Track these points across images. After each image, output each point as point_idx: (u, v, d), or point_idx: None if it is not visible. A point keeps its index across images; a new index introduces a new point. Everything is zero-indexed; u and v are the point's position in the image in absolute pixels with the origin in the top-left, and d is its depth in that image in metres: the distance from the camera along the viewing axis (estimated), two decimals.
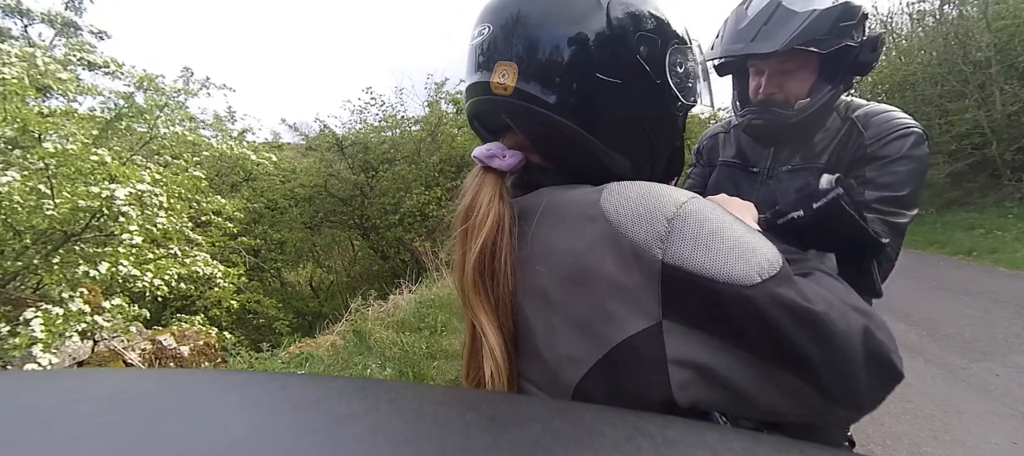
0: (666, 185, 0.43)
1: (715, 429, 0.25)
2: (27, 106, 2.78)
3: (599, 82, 0.47)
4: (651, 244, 0.38)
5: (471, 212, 0.49)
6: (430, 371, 3.11)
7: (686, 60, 0.53)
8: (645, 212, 0.40)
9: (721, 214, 0.40)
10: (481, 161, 0.51)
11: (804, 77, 0.93)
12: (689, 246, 0.37)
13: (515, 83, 0.47)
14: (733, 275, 0.36)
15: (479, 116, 0.55)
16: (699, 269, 0.37)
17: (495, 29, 0.49)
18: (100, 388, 0.30)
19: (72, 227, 2.74)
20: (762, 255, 0.37)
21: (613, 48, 0.47)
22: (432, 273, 5.54)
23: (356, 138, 7.46)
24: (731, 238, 0.38)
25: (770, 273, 0.37)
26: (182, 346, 3.35)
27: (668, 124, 0.53)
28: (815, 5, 0.87)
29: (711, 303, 0.37)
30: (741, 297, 0.36)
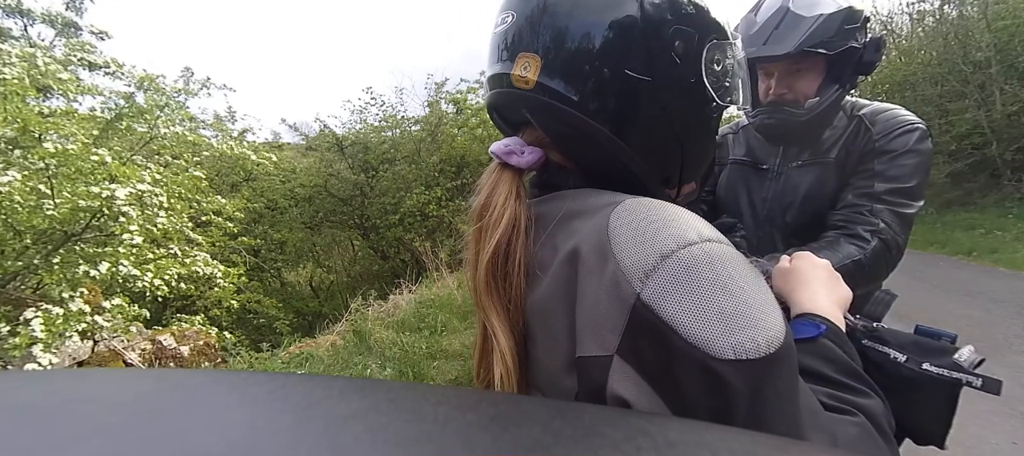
0: (692, 215, 0.38)
1: (715, 429, 0.25)
2: (27, 106, 2.78)
3: (628, 79, 0.43)
4: (632, 274, 0.34)
5: (486, 210, 0.47)
6: (430, 371, 3.11)
7: (724, 57, 0.48)
8: (641, 239, 0.35)
9: (731, 271, 0.34)
10: (498, 157, 0.48)
11: (812, 78, 0.97)
12: (671, 291, 0.33)
13: (537, 77, 0.44)
14: (704, 340, 0.31)
15: (499, 109, 0.52)
16: (670, 319, 0.32)
17: (519, 17, 0.46)
18: (100, 388, 0.30)
19: (72, 227, 2.74)
20: (751, 331, 0.31)
21: (646, 43, 0.43)
22: (432, 273, 5.54)
23: (356, 138, 7.46)
24: (725, 301, 0.32)
25: (750, 355, 0.31)
26: (182, 346, 3.35)
27: (700, 126, 0.49)
28: (821, 9, 0.92)
29: (668, 360, 0.32)
30: (700, 364, 0.31)
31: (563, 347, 0.41)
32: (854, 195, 0.96)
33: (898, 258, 0.95)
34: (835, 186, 1.00)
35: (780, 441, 0.24)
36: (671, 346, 0.32)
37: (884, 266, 0.93)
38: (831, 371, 0.44)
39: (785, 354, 0.32)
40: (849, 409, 0.40)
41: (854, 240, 0.92)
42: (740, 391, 0.31)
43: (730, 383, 0.31)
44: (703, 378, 0.31)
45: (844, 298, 0.55)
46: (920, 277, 4.65)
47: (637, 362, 0.34)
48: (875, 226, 0.92)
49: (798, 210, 1.04)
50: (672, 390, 0.33)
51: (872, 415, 0.40)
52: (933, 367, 0.48)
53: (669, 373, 0.32)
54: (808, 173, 1.03)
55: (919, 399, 0.50)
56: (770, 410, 0.32)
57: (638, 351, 0.34)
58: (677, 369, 0.32)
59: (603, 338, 0.35)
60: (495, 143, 0.49)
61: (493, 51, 0.49)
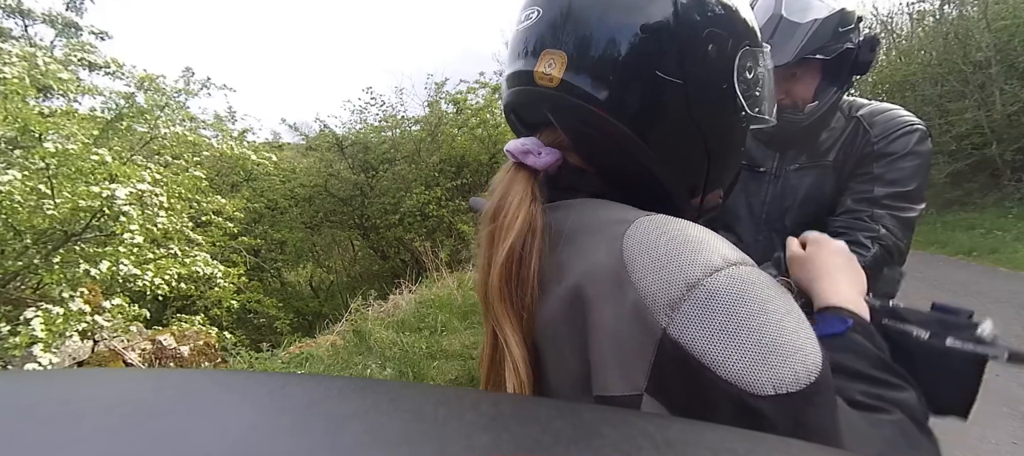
0: (712, 235, 0.36)
1: (715, 429, 0.25)
2: (28, 106, 2.78)
3: (658, 81, 0.41)
4: (657, 307, 0.32)
5: (499, 213, 0.44)
6: (430, 371, 3.11)
7: (756, 65, 0.46)
8: (665, 267, 0.33)
9: (762, 296, 0.32)
10: (514, 156, 0.46)
11: (809, 82, 0.97)
12: (701, 326, 0.31)
13: (562, 74, 0.42)
14: (742, 377, 0.30)
15: (517, 108, 0.50)
16: (701, 355, 0.30)
17: (545, 13, 0.44)
18: (100, 388, 0.30)
19: (72, 227, 2.74)
20: (790, 362, 0.30)
21: (678, 44, 0.41)
22: (432, 273, 5.54)
23: (356, 138, 7.46)
24: (759, 331, 0.31)
25: (790, 389, 0.30)
26: (182, 346, 3.35)
27: (729, 135, 0.47)
28: (815, 15, 0.92)
29: (704, 399, 0.31)
30: (739, 403, 0.30)
31: (572, 374, 0.39)
32: (853, 200, 0.96)
33: (900, 263, 0.95)
34: (834, 188, 1.00)
35: (780, 441, 0.24)
36: (705, 384, 0.30)
37: (880, 272, 0.93)
38: (864, 367, 0.42)
39: (824, 381, 0.31)
40: (886, 407, 0.39)
41: (855, 247, 0.91)
42: (781, 426, 0.29)
43: (770, 419, 0.29)
44: (742, 416, 0.30)
45: (862, 282, 0.53)
46: (920, 277, 4.65)
47: (668, 401, 0.32)
48: (875, 232, 0.92)
49: (797, 213, 1.04)
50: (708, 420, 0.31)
51: (909, 409, 0.39)
52: (958, 342, 0.47)
53: (705, 411, 0.31)
54: (806, 176, 1.03)
55: (944, 375, 0.49)
56: (813, 440, 0.30)
57: (668, 390, 0.32)
58: (713, 407, 0.30)
59: (628, 376, 0.33)
60: (511, 141, 0.47)
61: (516, 48, 0.47)
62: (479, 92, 7.30)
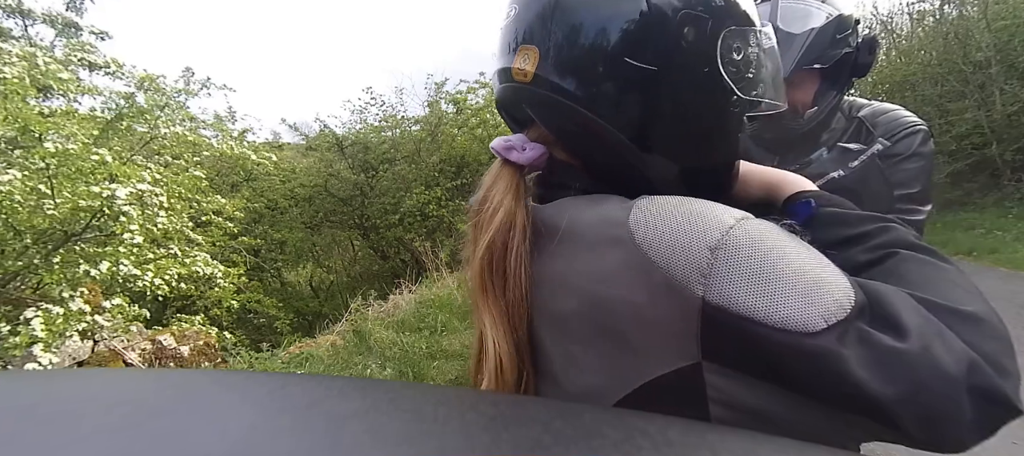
0: (710, 202, 0.36)
1: (715, 429, 0.25)
2: (28, 106, 2.78)
3: (629, 69, 0.40)
4: (689, 279, 0.32)
5: (482, 206, 0.45)
6: (430, 371, 3.11)
7: (746, 45, 0.43)
8: (683, 238, 0.33)
9: (778, 241, 0.33)
10: (498, 153, 0.46)
11: (808, 88, 0.96)
12: (737, 283, 0.31)
13: (535, 69, 0.42)
14: (791, 320, 0.30)
15: (504, 105, 0.50)
16: (748, 312, 0.31)
17: (520, 9, 0.44)
18: (100, 388, 0.30)
19: (72, 227, 2.74)
20: (829, 293, 0.31)
21: (650, 29, 0.40)
22: (432, 273, 5.54)
23: (356, 138, 7.46)
24: (790, 272, 0.31)
25: (839, 316, 0.30)
26: (182, 346, 3.35)
27: (719, 121, 0.45)
28: (812, 23, 0.91)
29: (763, 352, 0.31)
30: (800, 348, 0.30)
31: (586, 375, 0.39)
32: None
33: None
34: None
35: (781, 441, 0.24)
36: (758, 338, 0.31)
37: None
38: (848, 231, 0.43)
39: (864, 299, 0.32)
40: (888, 253, 0.39)
41: None
42: (849, 353, 0.29)
43: (832, 351, 0.29)
44: (804, 356, 0.30)
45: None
46: None
47: (731, 363, 0.33)
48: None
49: None
50: (781, 378, 0.31)
51: (903, 240, 0.40)
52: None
53: (768, 364, 0.31)
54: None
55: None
56: (880, 348, 0.30)
57: (725, 353, 0.33)
58: (772, 357, 0.31)
59: (678, 351, 0.34)
60: (496, 139, 0.47)
61: (498, 45, 0.47)
62: (479, 92, 7.29)
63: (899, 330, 0.30)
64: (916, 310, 0.32)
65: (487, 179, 0.47)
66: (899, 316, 0.31)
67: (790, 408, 0.32)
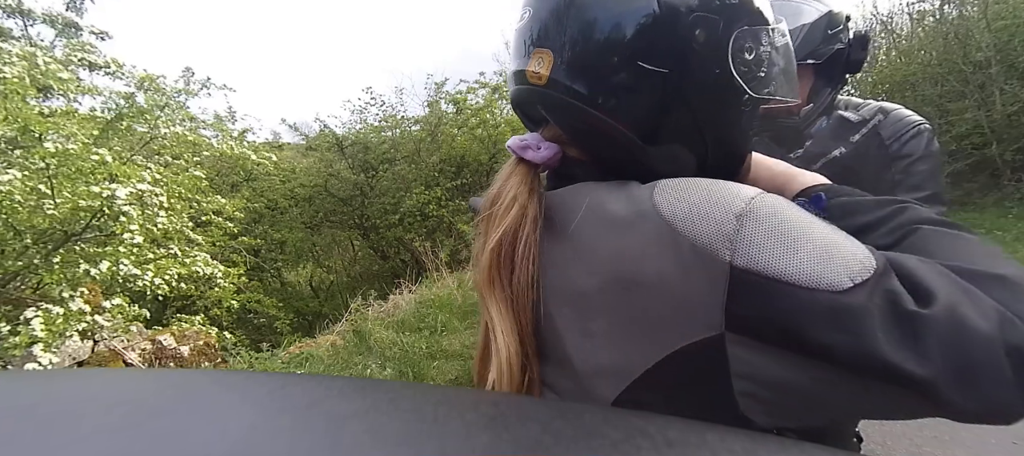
0: (727, 181, 0.37)
1: (715, 429, 0.25)
2: (28, 106, 2.78)
3: (641, 71, 0.41)
4: (717, 244, 0.33)
5: (495, 201, 0.46)
6: (430, 371, 3.11)
7: (758, 44, 0.44)
8: (708, 209, 0.34)
9: (798, 212, 0.35)
10: (514, 152, 0.48)
11: (803, 84, 0.97)
12: (763, 246, 0.32)
13: (549, 72, 0.43)
14: (819, 279, 0.30)
15: (521, 105, 0.51)
16: (776, 273, 0.31)
17: (535, 12, 0.45)
18: (100, 388, 0.30)
19: (72, 227, 2.74)
20: (852, 255, 0.32)
21: (661, 32, 0.41)
22: (432, 273, 5.53)
23: (356, 138, 7.46)
24: (813, 236, 0.32)
25: (864, 276, 0.30)
26: (182, 346, 3.35)
27: (730, 120, 0.45)
28: (803, 19, 0.92)
29: (790, 312, 0.31)
30: (828, 306, 0.30)
31: (604, 352, 0.39)
32: None
33: None
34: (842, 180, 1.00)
35: (780, 441, 0.24)
36: (786, 299, 0.31)
37: None
38: (865, 217, 0.42)
39: (886, 263, 0.32)
40: (908, 231, 0.39)
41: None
42: (878, 311, 0.29)
43: (859, 307, 0.29)
44: (831, 316, 0.30)
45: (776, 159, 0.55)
46: None
47: (754, 331, 0.32)
48: None
49: None
50: (807, 342, 0.31)
51: (924, 218, 0.40)
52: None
53: (793, 327, 0.31)
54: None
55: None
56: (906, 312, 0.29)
57: (751, 319, 0.32)
58: (801, 319, 0.30)
59: (702, 321, 0.33)
60: (512, 138, 0.48)
61: (514, 47, 0.48)
62: (479, 92, 7.29)
63: (925, 294, 0.30)
64: (942, 274, 0.31)
65: (501, 175, 0.48)
66: (924, 281, 0.31)
67: (815, 381, 0.31)
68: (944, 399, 0.28)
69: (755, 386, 0.33)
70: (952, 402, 0.28)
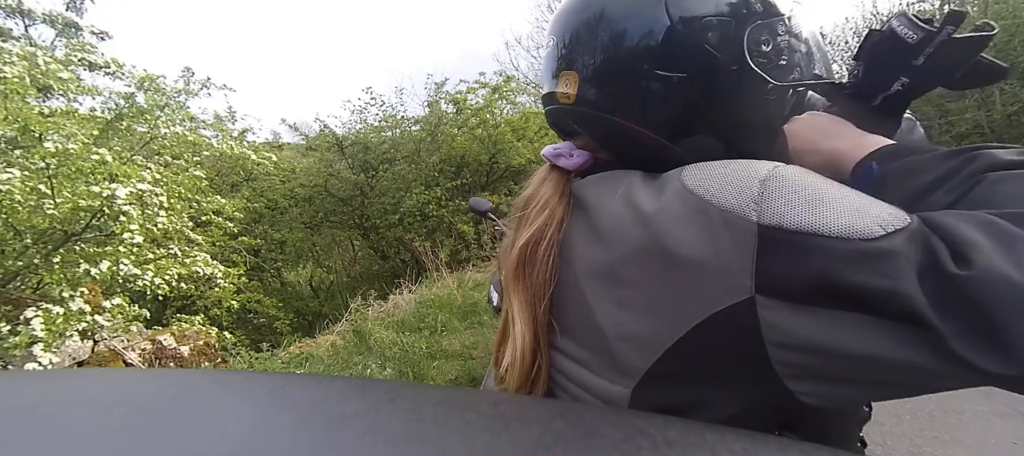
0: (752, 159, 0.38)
1: (715, 429, 0.25)
2: (28, 105, 2.78)
3: (660, 78, 0.45)
4: (744, 207, 0.33)
5: (528, 203, 0.50)
6: (430, 371, 3.11)
7: (775, 35, 0.46)
8: (734, 177, 0.35)
9: (823, 179, 0.35)
10: (549, 159, 0.52)
11: None
12: (789, 203, 0.32)
13: (576, 91, 0.48)
14: (850, 228, 0.30)
15: (554, 122, 0.57)
16: (804, 226, 0.31)
17: (558, 41, 0.50)
18: (100, 388, 0.30)
19: (73, 227, 2.74)
20: (883, 209, 0.31)
21: (674, 41, 0.44)
22: (432, 273, 5.54)
23: (356, 138, 7.46)
24: (839, 195, 0.32)
25: (897, 226, 0.30)
26: (182, 346, 3.35)
27: (755, 112, 0.48)
28: None
29: (820, 263, 0.30)
30: (860, 250, 0.29)
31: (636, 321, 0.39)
32: None
33: None
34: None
35: (780, 441, 0.24)
36: (816, 252, 0.30)
37: None
38: (928, 176, 0.38)
39: (919, 220, 0.30)
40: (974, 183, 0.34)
41: None
42: (915, 256, 0.28)
43: (902, 253, 0.28)
44: (864, 259, 0.29)
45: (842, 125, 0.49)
46: None
47: (786, 292, 0.31)
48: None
49: None
50: (837, 297, 0.29)
51: (997, 162, 0.35)
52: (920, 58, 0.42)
53: (826, 282, 0.30)
54: None
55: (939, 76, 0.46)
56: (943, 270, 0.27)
57: (778, 280, 0.31)
58: (831, 267, 0.29)
59: (733, 285, 0.33)
60: (547, 147, 0.53)
61: (543, 72, 0.54)
62: (479, 92, 7.29)
63: (965, 255, 0.27)
64: (987, 225, 0.28)
65: (535, 180, 0.53)
66: (964, 238, 0.28)
67: (853, 335, 0.29)
68: (979, 367, 0.26)
69: (793, 354, 0.32)
70: (986, 369, 0.26)
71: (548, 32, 0.53)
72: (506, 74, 7.82)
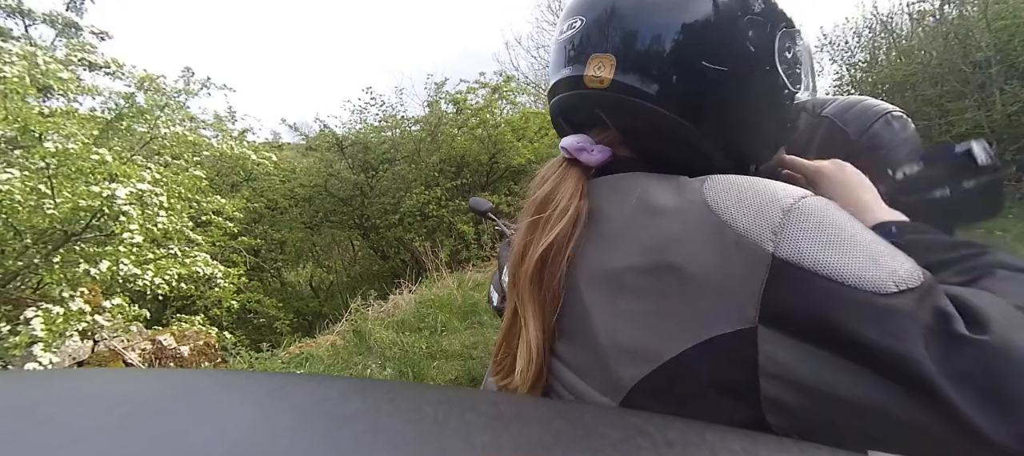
0: (780, 182, 0.37)
1: (715, 429, 0.25)
2: (28, 105, 2.78)
3: (705, 70, 0.44)
4: (761, 234, 0.33)
5: (548, 204, 0.47)
6: (430, 371, 3.11)
7: (793, 44, 0.48)
8: (756, 201, 0.35)
9: (848, 216, 0.34)
10: (569, 152, 0.48)
11: None
12: (808, 240, 0.32)
13: (612, 75, 0.45)
14: (863, 278, 0.30)
15: (567, 111, 0.52)
16: (819, 267, 0.30)
17: (588, 22, 0.47)
18: (100, 388, 0.30)
19: (72, 226, 2.74)
20: (900, 265, 0.31)
21: (719, 33, 0.44)
22: (432, 273, 5.54)
23: (356, 138, 7.46)
24: (861, 241, 0.32)
25: (911, 284, 0.30)
26: (182, 346, 3.35)
27: (775, 115, 0.49)
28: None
29: (829, 307, 0.30)
30: (870, 305, 0.29)
31: (632, 331, 0.38)
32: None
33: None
34: None
35: (780, 441, 0.24)
36: (827, 294, 0.30)
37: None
38: (939, 255, 0.41)
39: (933, 280, 0.31)
40: (983, 273, 0.37)
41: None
42: (923, 318, 0.28)
43: (909, 312, 0.28)
44: (873, 314, 0.29)
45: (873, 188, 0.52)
46: None
47: (790, 327, 0.31)
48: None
49: None
50: (844, 344, 0.29)
51: (1005, 263, 0.38)
52: (973, 180, 0.49)
53: (829, 325, 0.30)
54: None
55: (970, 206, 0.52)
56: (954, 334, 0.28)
57: (783, 314, 0.31)
58: (840, 315, 0.29)
59: (736, 312, 0.32)
60: (566, 138, 0.49)
61: (561, 57, 0.50)
62: (479, 92, 7.29)
63: (979, 321, 0.28)
64: (999, 304, 0.30)
65: (551, 177, 0.49)
66: (979, 308, 0.29)
67: (848, 386, 0.29)
68: (986, 434, 0.26)
69: (784, 389, 0.32)
70: (994, 437, 0.26)
71: (567, 14, 0.49)
72: (506, 74, 7.81)
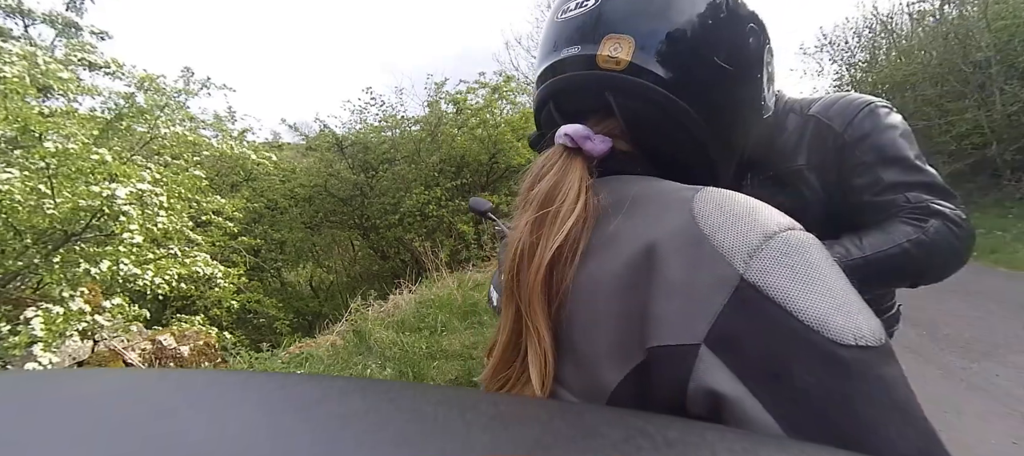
0: (775, 209, 0.36)
1: (715, 429, 0.25)
2: (28, 105, 2.78)
3: (715, 66, 0.45)
4: (735, 254, 0.32)
5: (554, 198, 0.43)
6: (430, 371, 3.11)
7: (772, 59, 0.51)
8: (741, 221, 0.34)
9: (829, 261, 0.33)
10: (573, 140, 0.45)
11: None
12: (780, 272, 0.31)
13: (631, 57, 0.44)
14: (825, 323, 0.29)
15: (563, 95, 0.49)
16: (783, 300, 0.30)
17: (602, 1, 0.46)
18: (100, 388, 0.30)
19: (72, 226, 2.74)
20: (866, 319, 0.30)
21: (730, 33, 0.46)
22: (432, 273, 5.54)
23: (356, 138, 7.46)
24: (833, 287, 0.31)
25: (869, 343, 0.29)
26: (182, 346, 3.35)
27: (753, 122, 0.51)
28: None
29: (781, 342, 0.29)
30: (825, 353, 0.28)
31: (605, 337, 0.37)
32: (870, 195, 0.84)
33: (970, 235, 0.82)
34: (818, 189, 0.91)
35: (780, 441, 0.24)
36: (784, 329, 0.29)
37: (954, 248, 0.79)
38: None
39: (890, 345, 0.31)
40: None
41: (907, 226, 0.79)
42: (865, 379, 0.28)
43: (855, 369, 0.28)
44: (821, 363, 0.28)
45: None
46: None
47: (733, 358, 0.30)
48: (916, 204, 0.80)
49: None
50: (778, 379, 0.29)
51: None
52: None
53: (776, 360, 0.29)
54: (780, 186, 0.94)
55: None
56: (889, 397, 0.28)
57: (733, 340, 0.30)
58: (787, 354, 0.29)
59: (689, 325, 0.32)
60: (569, 125, 0.46)
61: (564, 35, 0.47)
62: (479, 92, 7.29)
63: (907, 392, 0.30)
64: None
65: (552, 168, 0.45)
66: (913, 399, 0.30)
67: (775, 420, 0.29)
68: None
69: (707, 412, 0.31)
70: None
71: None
72: (506, 74, 7.81)
